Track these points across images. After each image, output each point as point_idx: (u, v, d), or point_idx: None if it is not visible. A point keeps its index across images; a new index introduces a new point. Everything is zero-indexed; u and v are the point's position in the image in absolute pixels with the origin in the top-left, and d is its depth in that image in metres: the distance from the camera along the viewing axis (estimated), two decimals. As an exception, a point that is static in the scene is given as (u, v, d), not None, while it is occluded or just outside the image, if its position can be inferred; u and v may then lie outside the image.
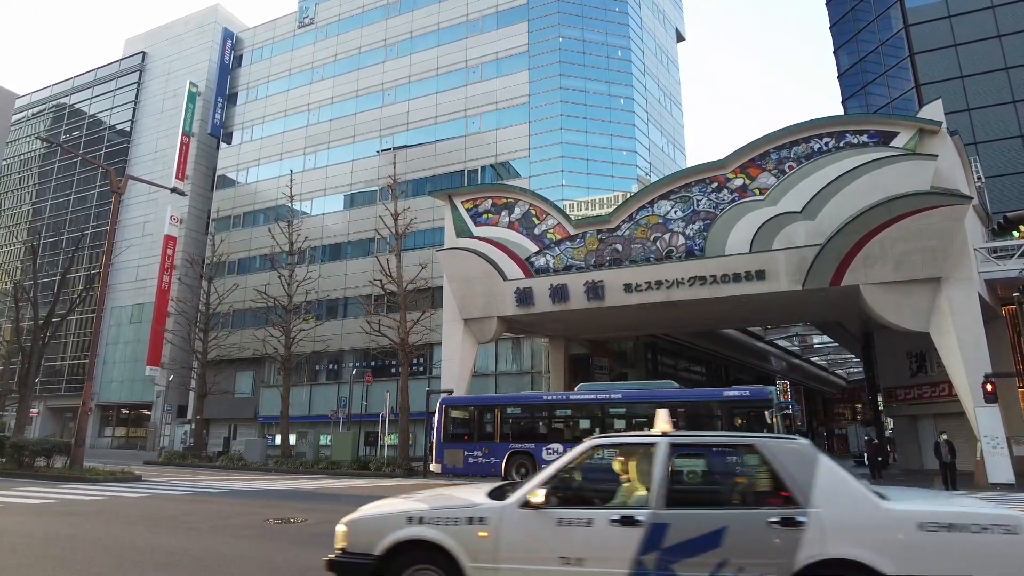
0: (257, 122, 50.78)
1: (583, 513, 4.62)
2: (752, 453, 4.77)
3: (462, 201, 27.24)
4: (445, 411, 20.75)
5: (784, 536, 4.21)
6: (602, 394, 18.81)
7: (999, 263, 21.50)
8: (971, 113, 29.34)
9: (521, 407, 20.46)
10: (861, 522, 4.20)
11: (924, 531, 4.10)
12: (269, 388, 42.84)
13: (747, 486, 4.90)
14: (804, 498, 4.31)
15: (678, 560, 4.31)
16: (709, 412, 17.88)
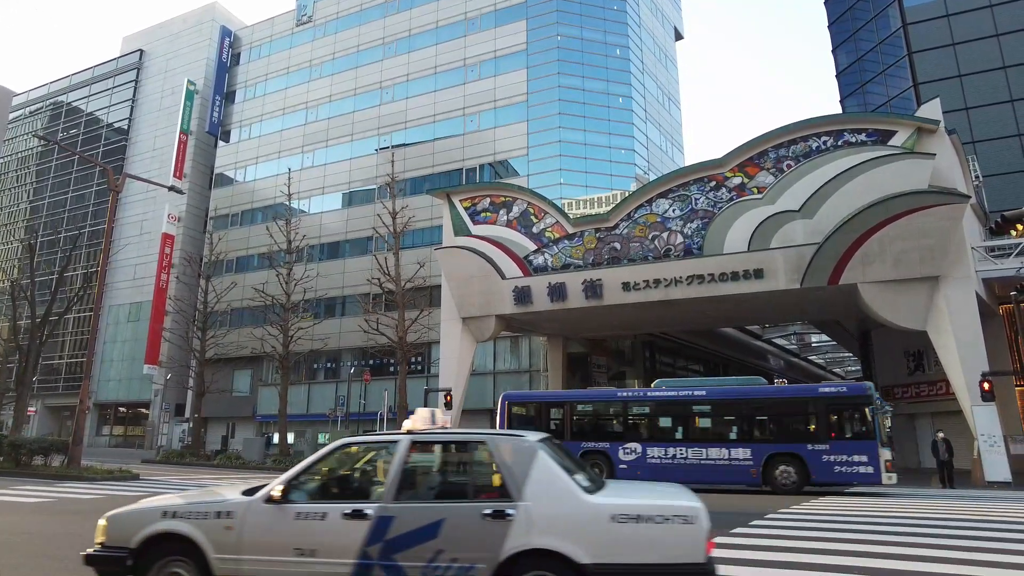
0: (255, 120, 50.71)
1: (319, 507, 4.86)
2: (482, 449, 5.02)
3: (460, 200, 27.23)
4: (508, 408, 19.70)
5: (494, 528, 4.49)
6: (684, 391, 17.96)
7: (997, 262, 21.53)
8: (969, 112, 29.37)
9: (594, 404, 19.54)
10: (564, 515, 4.52)
11: (616, 522, 4.42)
12: (267, 387, 42.80)
13: (472, 481, 5.13)
14: (517, 492, 4.60)
15: (400, 551, 4.58)
16: (802, 410, 16.96)
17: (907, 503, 13.12)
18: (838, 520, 10.18)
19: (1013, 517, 10.49)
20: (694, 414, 17.62)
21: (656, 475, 16.37)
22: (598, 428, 18.89)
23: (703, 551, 4.36)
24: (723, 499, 14.50)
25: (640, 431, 18.13)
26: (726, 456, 16.54)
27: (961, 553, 7.12)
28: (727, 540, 8.07)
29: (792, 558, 6.89)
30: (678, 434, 17.35)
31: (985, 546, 7.59)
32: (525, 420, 19.83)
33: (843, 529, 9.08)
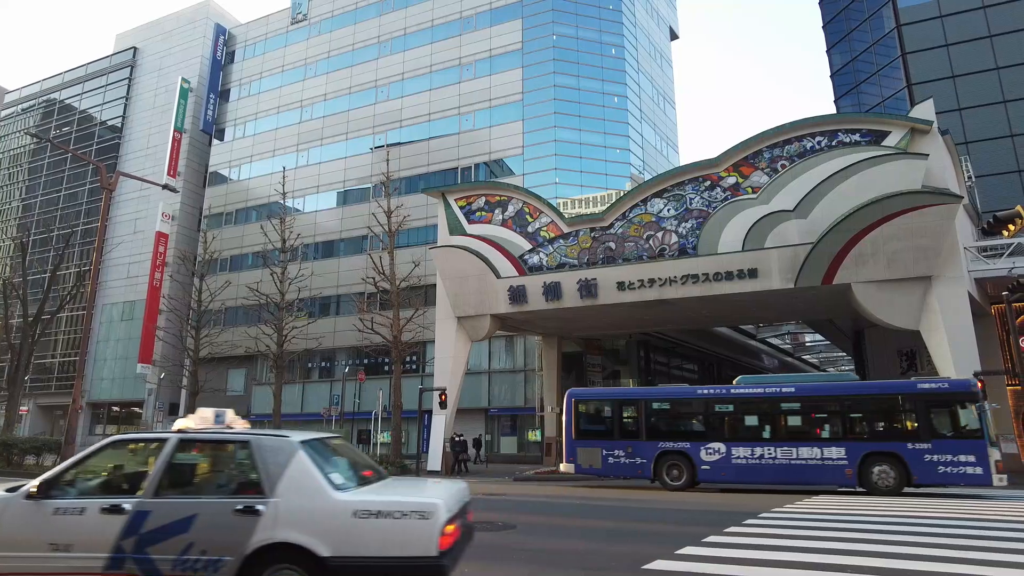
0: (250, 118, 50.55)
1: (77, 503, 4.98)
2: (245, 448, 5.20)
3: (455, 199, 27.21)
4: (574, 405, 18.80)
5: (243, 523, 4.72)
6: (771, 388, 17.20)
7: (989, 262, 21.65)
8: (962, 113, 29.53)
9: (671, 402, 18.64)
10: (309, 511, 4.74)
11: (357, 518, 4.67)
12: (261, 386, 42.66)
13: (232, 478, 5.30)
14: (270, 489, 4.83)
15: (152, 544, 4.76)
16: (900, 407, 16.14)
17: (895, 502, 13.19)
18: (831, 519, 10.22)
19: (1012, 516, 10.56)
20: (783, 412, 16.87)
21: (742, 476, 16.17)
22: (677, 427, 18.05)
23: (436, 545, 4.58)
24: (718, 498, 14.56)
25: (724, 430, 17.23)
26: (818, 455, 15.82)
27: (952, 552, 7.16)
28: (720, 539, 8.09)
29: (785, 557, 6.91)
30: (765, 433, 16.70)
31: (976, 544, 7.63)
32: (593, 419, 19.05)
33: (836, 528, 9.11)
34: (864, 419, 16.32)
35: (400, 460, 26.52)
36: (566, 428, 18.73)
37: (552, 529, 9.30)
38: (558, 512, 11.67)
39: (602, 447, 18.18)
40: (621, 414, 18.61)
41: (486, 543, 7.96)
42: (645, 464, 17.44)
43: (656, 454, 17.36)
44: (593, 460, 18.11)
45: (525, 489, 17.42)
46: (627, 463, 17.67)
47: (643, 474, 17.43)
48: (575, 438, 18.52)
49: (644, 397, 18.77)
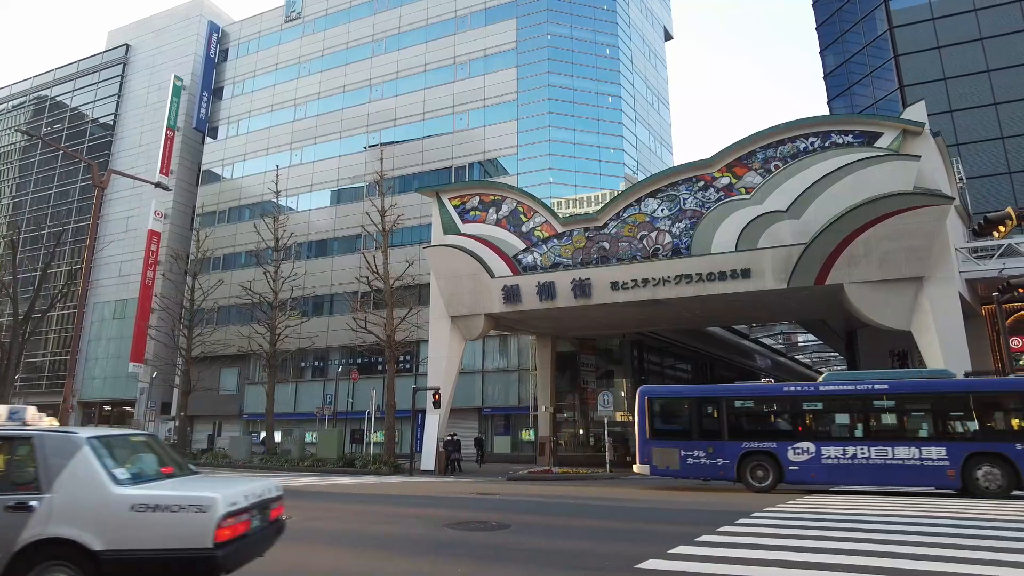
0: (243, 117, 50.34)
1: None
2: (27, 444, 5.22)
3: (450, 198, 27.19)
4: (647, 404, 17.82)
5: (14, 519, 4.73)
6: (862, 384, 16.24)
7: (979, 263, 21.82)
8: (953, 115, 29.70)
9: (755, 400, 17.68)
10: (87, 506, 4.79)
11: (135, 511, 4.74)
12: (254, 385, 42.54)
13: (10, 474, 5.29)
14: (47, 485, 4.85)
15: None
16: (1008, 406, 15.21)
17: (890, 501, 13.27)
18: (825, 518, 10.27)
19: (1005, 515, 10.64)
20: (877, 409, 16.09)
21: (834, 477, 15.59)
22: (761, 426, 17.24)
23: (211, 538, 4.68)
24: (711, 497, 14.60)
25: (813, 429, 16.44)
26: (916, 456, 14.99)
27: (941, 551, 7.21)
28: (713, 538, 8.12)
29: (777, 556, 6.94)
30: (858, 431, 15.95)
31: (977, 544, 7.69)
32: (669, 417, 18.21)
33: (829, 527, 9.16)
34: (967, 418, 15.41)
35: (393, 460, 26.52)
36: (639, 428, 17.83)
37: (546, 528, 9.32)
38: (552, 512, 11.68)
39: (680, 447, 17.24)
40: (700, 412, 17.77)
41: (480, 543, 7.97)
42: (728, 465, 16.67)
43: (740, 454, 16.58)
44: (670, 461, 17.24)
45: (519, 489, 17.43)
46: (708, 464, 16.87)
47: (725, 475, 16.70)
48: (650, 438, 17.54)
49: (725, 394, 17.87)
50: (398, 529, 9.13)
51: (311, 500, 12.97)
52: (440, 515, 10.49)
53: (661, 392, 19.37)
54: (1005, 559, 6.73)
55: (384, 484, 19.04)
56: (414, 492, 15.77)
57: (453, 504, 12.55)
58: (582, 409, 34.07)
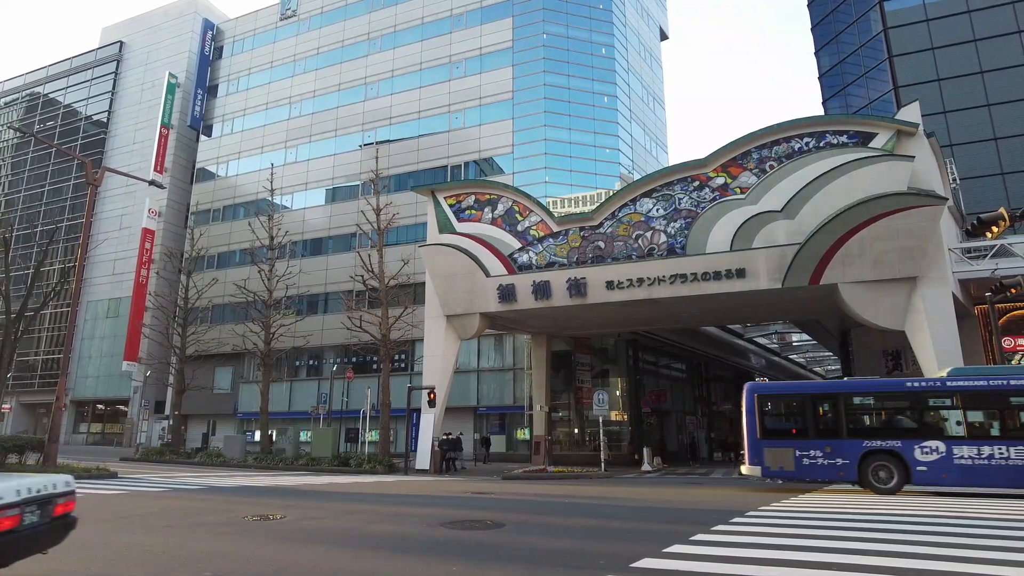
0: (238, 114, 50.19)
1: None
2: None
3: (445, 197, 27.16)
4: (756, 402, 16.95)
5: None
6: (996, 379, 15.38)
7: (972, 263, 21.93)
8: (947, 115, 29.85)
9: (876, 396, 16.88)
10: None
11: None
12: (249, 384, 42.42)
13: None
14: None
15: None
16: None
17: (886, 500, 13.33)
18: (819, 517, 10.31)
19: (997, 514, 10.70)
20: (1015, 407, 15.07)
21: (968, 479, 14.76)
22: (884, 424, 16.40)
23: None
24: (706, 495, 14.65)
25: (942, 427, 15.59)
26: None
27: (935, 549, 7.25)
28: (708, 537, 8.14)
29: (771, 555, 6.97)
30: (994, 430, 15.09)
31: (967, 543, 7.73)
32: (782, 416, 17.44)
33: (823, 526, 9.20)
34: None
35: (388, 459, 26.47)
36: (748, 427, 16.95)
37: (541, 527, 9.33)
38: (546, 510, 11.70)
39: (794, 447, 16.33)
40: (816, 410, 16.94)
41: (475, 542, 7.97)
42: (847, 466, 15.79)
43: (861, 454, 15.69)
44: (784, 462, 16.35)
45: (514, 488, 17.44)
46: (826, 464, 15.99)
47: (845, 476, 15.87)
48: (760, 438, 16.65)
49: (843, 391, 16.95)
50: (393, 528, 9.13)
51: (304, 499, 12.95)
52: (435, 514, 10.49)
53: (772, 389, 18.41)
54: (1000, 558, 6.77)
55: (379, 483, 19.01)
56: (409, 491, 15.77)
57: (448, 503, 12.55)
58: (577, 408, 34.10)
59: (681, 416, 41.04)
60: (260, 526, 9.01)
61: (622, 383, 34.84)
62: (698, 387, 45.03)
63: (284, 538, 8.08)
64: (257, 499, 12.94)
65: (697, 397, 44.61)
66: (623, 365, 34.99)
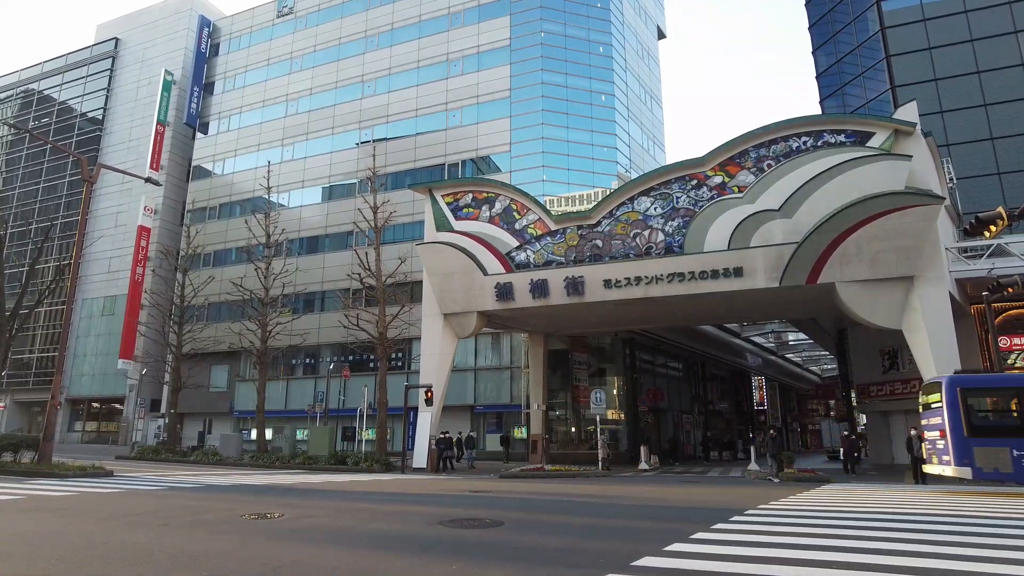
0: (234, 112, 50.01)
1: None
2: None
3: (442, 195, 27.10)
4: (960, 396, 15.43)
5: None
6: None
7: (969, 263, 21.99)
8: (944, 115, 29.91)
9: None
10: None
11: None
12: (245, 382, 42.31)
13: None
14: None
15: None
16: None
17: (887, 498, 13.34)
18: (817, 515, 10.31)
19: (984, 511, 10.72)
20: None
21: None
22: None
23: None
24: (703, 494, 14.64)
25: None
26: None
27: (941, 548, 7.25)
28: (709, 536, 8.12)
29: (772, 553, 6.95)
30: None
31: (974, 542, 7.73)
32: (993, 412, 16.09)
33: (822, 525, 9.19)
34: None
35: (385, 457, 26.42)
36: (951, 424, 15.42)
37: (540, 526, 9.30)
38: (545, 509, 11.67)
39: (1011, 447, 14.72)
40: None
41: (474, 540, 7.93)
42: None
43: None
44: (999, 463, 14.79)
45: (511, 486, 17.41)
46: None
47: None
48: (968, 436, 15.11)
49: None
50: (392, 526, 9.09)
51: (303, 498, 12.89)
52: (433, 513, 10.45)
53: (979, 382, 16.71)
54: (1004, 556, 6.77)
55: (376, 482, 18.96)
56: (407, 490, 15.72)
57: (446, 502, 12.51)
58: (574, 407, 34.11)
59: (678, 415, 41.12)
60: (258, 525, 8.96)
61: (619, 382, 34.85)
62: (695, 386, 45.12)
63: (282, 537, 8.03)
64: (254, 498, 12.88)
65: (694, 396, 44.70)
66: (620, 364, 35.01)
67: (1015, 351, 24.99)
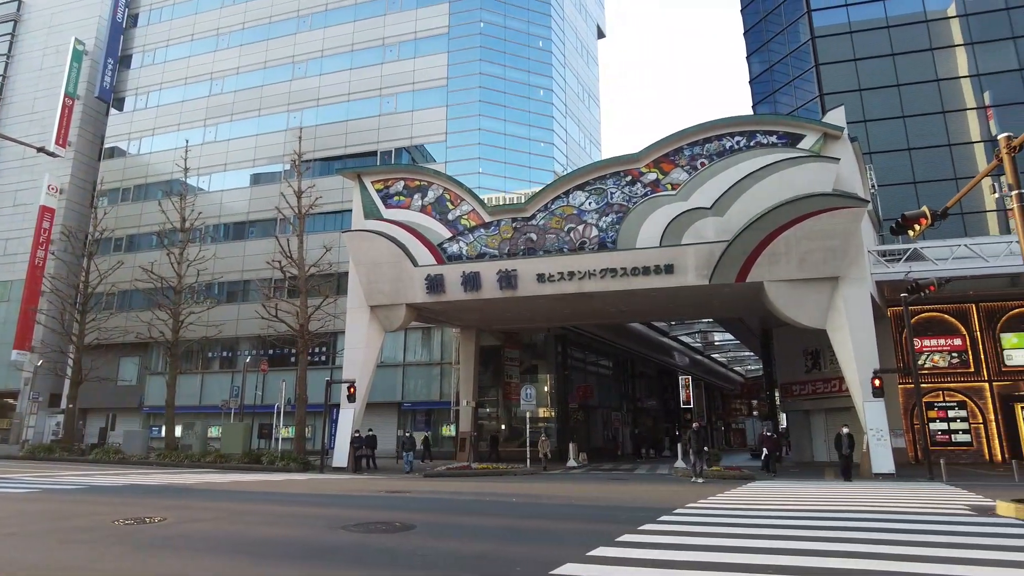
0: (153, 88, 46.83)
1: None
2: None
3: (372, 181, 25.92)
4: None
5: None
6: None
7: (888, 266, 22.64)
8: (867, 124, 30.91)
9: None
10: None
11: None
12: (156, 376, 39.64)
13: None
14: None
15: None
16: None
17: (812, 495, 13.28)
18: (745, 515, 9.98)
19: (899, 507, 10.69)
20: None
21: None
22: None
23: None
24: (636, 492, 14.24)
25: None
26: None
27: (860, 546, 6.94)
28: (635, 538, 7.59)
29: (704, 557, 6.45)
30: None
31: (877, 537, 7.47)
32: None
33: (750, 525, 8.83)
34: None
35: (303, 456, 25.09)
36: None
37: (456, 529, 8.55)
38: (465, 510, 10.92)
39: None
40: None
41: (378, 547, 7.11)
42: None
43: None
44: None
45: (434, 485, 16.58)
46: None
47: None
48: None
49: None
50: (287, 531, 8.13)
51: (196, 499, 11.67)
52: (339, 515, 9.53)
53: None
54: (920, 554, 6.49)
55: (289, 481, 17.76)
56: (318, 490, 14.65)
57: (357, 503, 11.59)
58: (505, 404, 33.53)
59: (607, 412, 41.18)
60: (128, 531, 7.82)
61: (551, 379, 34.50)
62: (624, 384, 45.40)
63: (151, 546, 6.96)
64: (142, 499, 11.57)
65: (623, 394, 44.96)
66: (552, 361, 34.65)
67: (925, 352, 26.05)
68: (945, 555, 6.48)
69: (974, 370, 25.60)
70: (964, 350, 25.85)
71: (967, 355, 25.79)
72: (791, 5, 35.02)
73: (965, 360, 25.78)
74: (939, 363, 26.00)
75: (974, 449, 25.10)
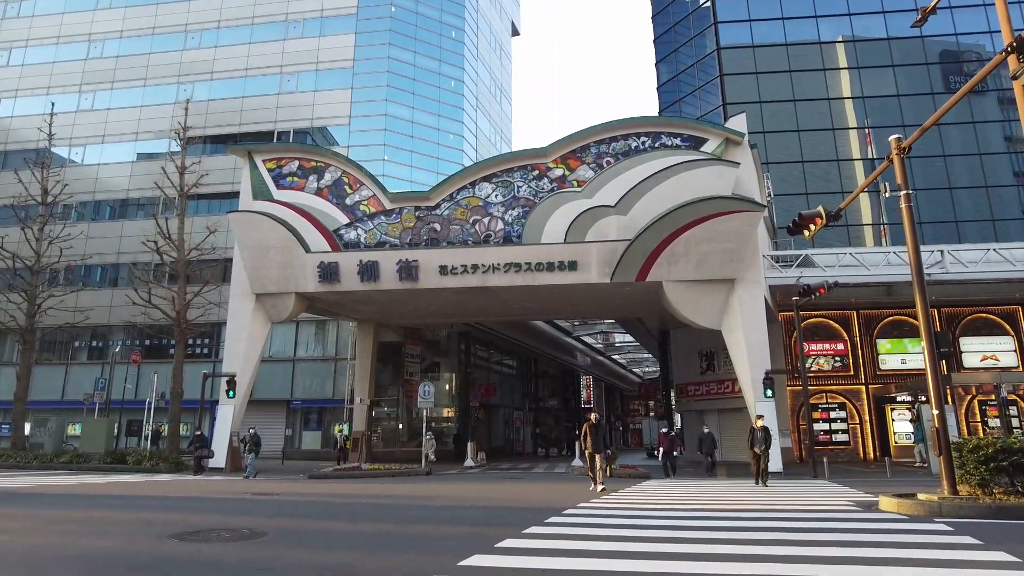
0: (17, 44, 41.99)
1: None
2: None
3: (264, 159, 24.06)
4: None
5: None
6: None
7: (781, 271, 23.38)
8: (766, 135, 32.17)
9: None
10: None
11: None
12: (9, 366, 35.41)
13: None
14: None
15: None
16: None
17: (706, 493, 13.13)
18: (636, 515, 9.52)
19: (790, 505, 10.64)
20: None
21: None
22: None
23: None
24: (531, 491, 13.61)
25: None
26: None
27: (749, 548, 6.54)
28: (517, 543, 6.85)
29: (592, 566, 5.79)
30: None
31: (774, 539, 7.15)
32: None
33: (639, 526, 8.34)
34: None
35: (176, 455, 22.89)
36: None
37: (314, 536, 7.50)
38: (334, 514, 9.84)
39: None
40: None
41: (208, 559, 5.98)
42: None
43: None
44: None
45: (315, 488, 15.28)
46: None
47: None
48: None
49: None
50: (109, 542, 6.81)
51: (15, 506, 9.92)
52: (177, 521, 8.24)
53: None
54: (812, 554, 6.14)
55: (149, 484, 15.90)
56: (171, 492, 13.06)
57: (208, 507, 10.24)
58: (405, 403, 32.29)
59: (509, 411, 40.78)
60: None
61: (453, 377, 33.60)
62: (527, 383, 45.20)
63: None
64: (-57, 507, 9.69)
65: (525, 393, 44.74)
66: (455, 358, 33.78)
67: (811, 355, 27.24)
68: (839, 554, 6.17)
69: (853, 373, 27.04)
70: (846, 354, 27.26)
71: (848, 359, 27.21)
72: (699, 17, 36.00)
73: (846, 364, 27.18)
74: (824, 366, 27.27)
75: (851, 448, 26.47)
